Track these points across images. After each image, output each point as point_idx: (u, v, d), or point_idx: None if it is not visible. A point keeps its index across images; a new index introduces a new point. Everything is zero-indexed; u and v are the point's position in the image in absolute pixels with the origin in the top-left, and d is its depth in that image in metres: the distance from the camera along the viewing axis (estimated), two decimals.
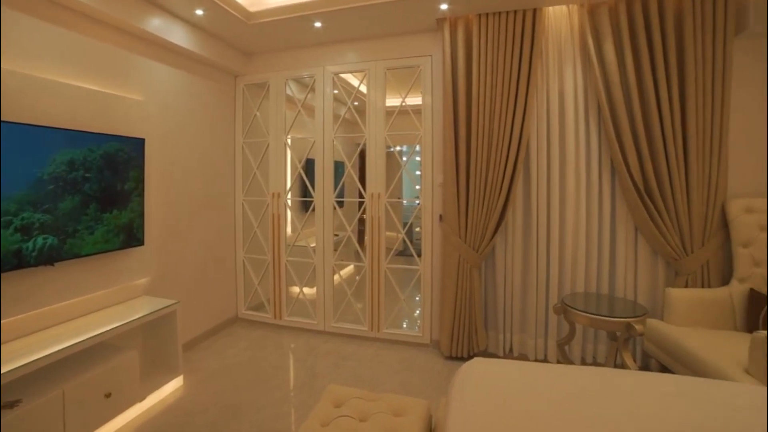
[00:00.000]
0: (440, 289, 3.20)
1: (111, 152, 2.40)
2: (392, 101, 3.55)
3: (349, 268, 4.73)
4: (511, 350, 3.11)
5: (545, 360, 2.99)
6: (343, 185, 3.86)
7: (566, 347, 2.76)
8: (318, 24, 3.12)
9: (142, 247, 2.67)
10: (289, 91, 3.72)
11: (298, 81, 3.91)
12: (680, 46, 2.66)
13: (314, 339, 3.50)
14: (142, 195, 2.62)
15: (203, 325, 3.47)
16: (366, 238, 3.46)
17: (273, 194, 3.73)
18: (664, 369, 2.49)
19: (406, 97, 3.33)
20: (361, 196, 3.53)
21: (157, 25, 2.77)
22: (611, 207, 2.89)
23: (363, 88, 3.47)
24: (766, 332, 1.91)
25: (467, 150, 2.99)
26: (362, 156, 3.54)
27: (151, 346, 2.76)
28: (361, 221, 3.57)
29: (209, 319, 3.55)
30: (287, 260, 3.72)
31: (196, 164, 3.36)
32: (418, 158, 3.40)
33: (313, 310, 3.66)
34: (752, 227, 2.51)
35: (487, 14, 2.91)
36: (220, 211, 3.69)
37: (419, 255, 3.33)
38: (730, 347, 2.15)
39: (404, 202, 6.02)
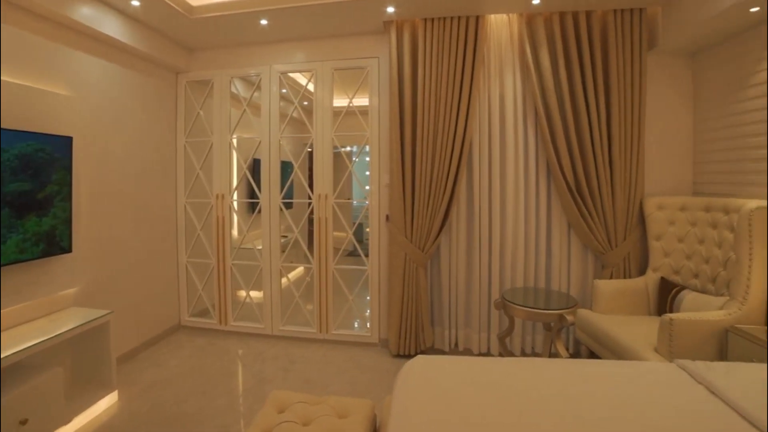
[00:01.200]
0: (388, 289, 3.24)
1: (28, 152, 2.18)
2: (340, 101, 3.54)
3: (299, 270, 4.66)
4: (456, 345, 3.21)
5: (488, 353, 3.13)
6: (291, 186, 3.79)
7: (507, 340, 2.91)
8: (264, 22, 3.05)
9: (69, 254, 2.46)
10: (234, 89, 3.60)
11: (245, 79, 3.79)
12: (605, 57, 2.89)
13: (262, 343, 3.41)
14: (68, 199, 2.41)
15: (143, 334, 3.26)
16: (314, 239, 3.44)
17: (217, 195, 3.59)
18: (592, 355, 2.70)
19: (353, 97, 3.34)
20: (310, 197, 3.50)
21: (87, 14, 2.57)
22: (547, 206, 3.08)
23: (311, 87, 3.43)
24: (670, 316, 2.13)
25: (413, 151, 3.05)
26: (311, 156, 3.50)
27: (81, 362, 2.54)
28: (312, 222, 3.53)
29: (149, 328, 3.35)
30: (233, 263, 3.60)
31: (134, 165, 3.16)
32: (368, 158, 3.42)
33: (261, 314, 3.57)
34: (663, 222, 2.78)
35: (433, 19, 2.98)
36: (160, 214, 3.49)
37: (367, 255, 3.35)
38: (644, 330, 2.37)
39: (354, 202, 6.09)
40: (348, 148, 5.71)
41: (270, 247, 3.52)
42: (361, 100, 3.43)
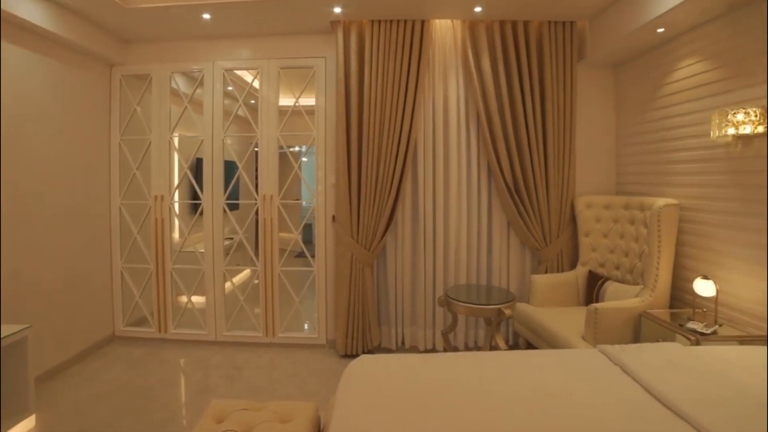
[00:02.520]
0: (335, 289, 3.23)
1: None
2: (286, 101, 3.49)
3: (245, 273, 4.52)
4: (403, 343, 3.27)
5: (434, 349, 3.20)
6: (237, 187, 3.68)
7: (451, 336, 3.01)
8: (207, 16, 2.93)
9: None
10: (174, 85, 3.43)
11: (187, 75, 3.63)
12: (541, 65, 3.08)
13: (205, 351, 3.27)
14: None
15: (70, 348, 2.98)
16: (259, 241, 3.35)
17: (156, 197, 3.40)
18: (530, 346, 2.86)
19: (300, 97, 3.30)
20: (256, 198, 3.41)
21: None
22: (488, 205, 3.22)
23: (257, 84, 3.35)
24: (595, 305, 2.31)
25: (359, 151, 3.07)
26: (258, 156, 3.42)
27: None
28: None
29: (78, 341, 3.07)
30: (173, 268, 3.42)
31: (61, 164, 2.92)
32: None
33: (204, 320, 3.42)
34: (591, 220, 3.01)
35: (380, 21, 3.03)
36: (91, 218, 3.25)
37: (314, 256, 3.33)
38: (574, 320, 2.55)
39: (304, 203, 6.01)
40: (297, 148, 5.64)
41: (213, 250, 3.38)
42: (308, 100, 3.40)
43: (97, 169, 3.33)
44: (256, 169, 3.74)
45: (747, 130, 2.09)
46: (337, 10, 2.88)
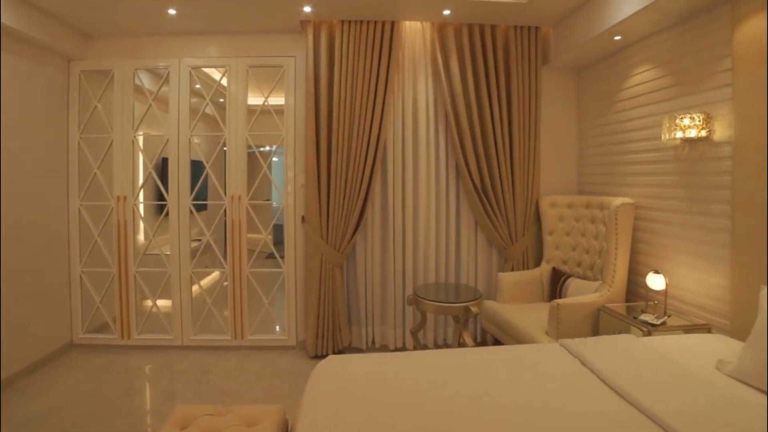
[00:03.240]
0: (304, 290, 3.21)
1: None
2: (255, 100, 3.43)
3: (214, 275, 4.42)
4: (373, 343, 3.28)
5: (404, 348, 3.23)
6: (206, 187, 3.59)
7: (420, 334, 3.05)
8: (172, 11, 2.85)
9: None
10: (138, 82, 3.31)
11: (152, 72, 3.50)
12: (507, 69, 3.16)
13: (171, 356, 3.17)
14: None
15: (22, 359, 2.79)
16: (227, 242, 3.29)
17: (119, 198, 3.28)
18: (497, 342, 2.93)
19: (269, 96, 3.26)
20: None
21: None
22: (456, 205, 3.28)
23: (226, 82, 3.28)
24: (557, 301, 2.40)
25: (328, 151, 3.06)
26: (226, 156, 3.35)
27: None
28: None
29: (31, 351, 2.88)
30: (137, 271, 3.30)
31: (11, 164, 2.75)
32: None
33: (170, 324, 3.33)
34: (554, 219, 3.12)
35: (350, 21, 3.03)
36: (47, 220, 3.09)
37: (284, 257, 3.30)
38: (539, 316, 2.63)
39: (274, 203, 5.92)
40: (267, 148, 5.55)
41: (179, 252, 3.29)
42: (277, 100, 3.36)
43: (54, 169, 3.18)
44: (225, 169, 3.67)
45: (692, 134, 2.22)
46: (307, 9, 2.86)
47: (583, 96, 3.39)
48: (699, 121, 2.20)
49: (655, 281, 2.25)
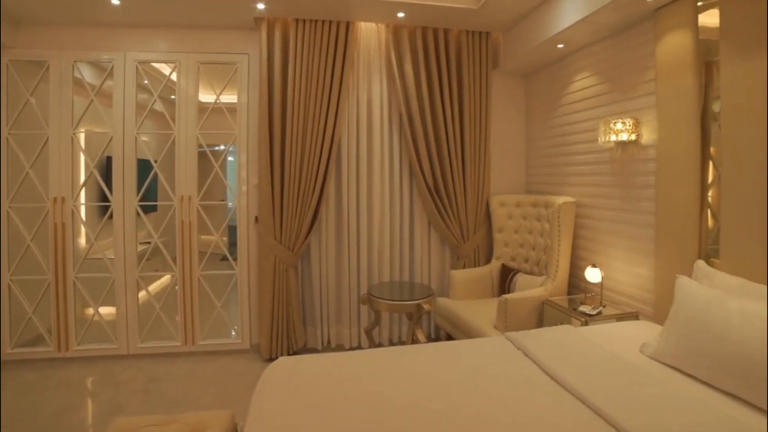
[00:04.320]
0: (258, 292, 3.16)
1: None
2: (207, 97, 3.33)
3: (164, 279, 4.23)
4: (329, 342, 3.28)
5: (359, 347, 3.25)
6: (155, 188, 3.43)
7: (375, 333, 3.08)
8: (116, 2, 2.69)
9: None
10: (78, 75, 3.10)
11: (95, 64, 3.30)
12: (459, 72, 3.26)
13: (115, 366, 3.01)
14: None
15: None
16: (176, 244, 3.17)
17: (56, 199, 3.06)
18: (450, 338, 3.02)
19: (220, 94, 3.17)
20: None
21: None
22: (410, 204, 3.34)
23: (175, 78, 3.16)
24: (505, 296, 2.51)
25: (282, 150, 3.03)
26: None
27: None
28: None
29: None
30: (77, 277, 3.10)
31: None
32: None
33: (114, 332, 3.15)
34: (504, 217, 3.25)
35: (305, 20, 3.00)
36: None
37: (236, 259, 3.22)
38: (489, 311, 2.74)
39: (230, 204, 5.76)
40: (222, 147, 5.39)
41: (124, 255, 3.13)
42: (230, 97, 3.28)
43: None
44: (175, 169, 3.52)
45: (624, 137, 2.40)
46: (261, 6, 2.81)
47: (530, 100, 3.56)
48: (629, 125, 2.38)
49: (593, 274, 2.41)
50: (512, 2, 2.76)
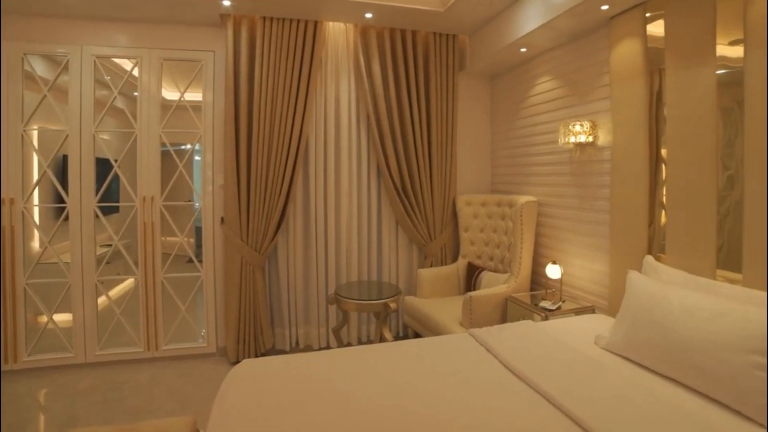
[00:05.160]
0: (224, 294, 3.10)
1: None
2: (171, 95, 3.23)
3: (127, 283, 4.07)
4: (297, 343, 3.25)
5: (328, 347, 3.24)
6: (117, 188, 3.29)
7: (343, 333, 3.08)
8: None
9: None
10: (29, 68, 2.93)
11: (49, 57, 3.12)
12: (426, 73, 3.30)
13: (72, 375, 2.86)
14: None
15: None
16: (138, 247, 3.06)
17: (3, 200, 2.89)
18: (417, 335, 3.06)
19: (185, 92, 3.09)
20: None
21: None
22: (378, 203, 3.36)
23: (137, 74, 3.04)
24: (470, 294, 2.57)
25: (248, 150, 2.98)
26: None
27: None
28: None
29: None
30: (27, 283, 2.94)
31: None
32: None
33: (70, 340, 3.01)
34: (470, 216, 3.33)
35: (272, 18, 2.97)
36: None
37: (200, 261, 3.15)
38: (455, 308, 2.79)
39: (197, 204, 5.57)
40: (188, 146, 5.22)
41: (82, 259, 2.99)
42: (195, 95, 3.19)
43: None
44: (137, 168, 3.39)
45: (582, 139, 2.51)
46: (227, 3, 2.76)
47: (495, 101, 3.65)
48: (587, 128, 2.48)
49: (553, 271, 2.50)
50: (477, 6, 2.83)
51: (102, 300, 3.12)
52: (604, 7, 2.24)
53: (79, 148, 2.97)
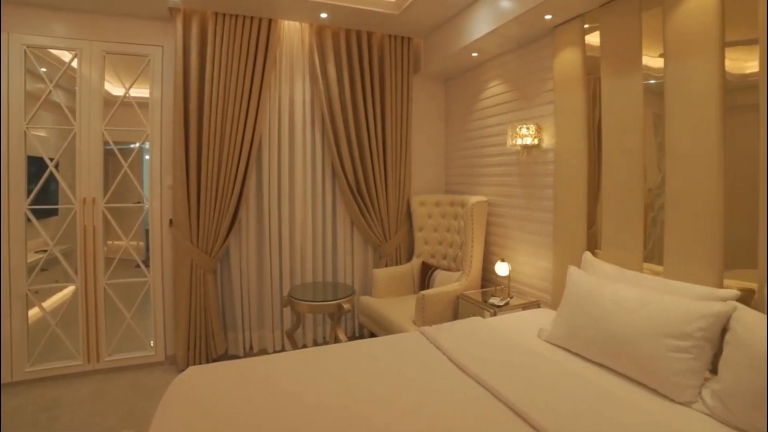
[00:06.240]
0: (173, 299, 2.98)
1: None
2: (117, 90, 3.05)
3: (67, 291, 3.80)
4: (251, 347, 3.17)
5: (283, 350, 3.19)
6: (55, 190, 3.06)
7: (299, 334, 3.05)
8: None
9: None
10: None
11: None
12: (382, 74, 3.33)
13: None
14: None
15: None
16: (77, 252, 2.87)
17: None
18: (373, 335, 3.08)
19: (131, 88, 2.93)
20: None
21: None
22: (332, 204, 3.35)
23: (77, 67, 2.84)
24: (423, 293, 2.62)
25: (198, 149, 2.88)
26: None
27: None
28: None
29: None
30: None
31: None
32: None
33: None
34: (424, 216, 3.39)
35: (224, 14, 2.88)
36: None
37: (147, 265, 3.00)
38: (409, 307, 2.83)
39: (146, 206, 5.31)
40: (137, 145, 4.96)
41: (9, 267, 2.76)
42: (142, 91, 3.04)
43: None
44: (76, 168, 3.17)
45: (528, 141, 2.62)
46: None
47: (449, 103, 3.74)
48: (532, 131, 2.60)
49: (502, 268, 2.59)
50: (431, 10, 2.89)
51: (35, 311, 2.90)
52: (548, 17, 2.35)
53: (8, 145, 2.74)
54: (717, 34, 1.65)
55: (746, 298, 1.54)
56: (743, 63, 1.65)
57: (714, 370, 1.44)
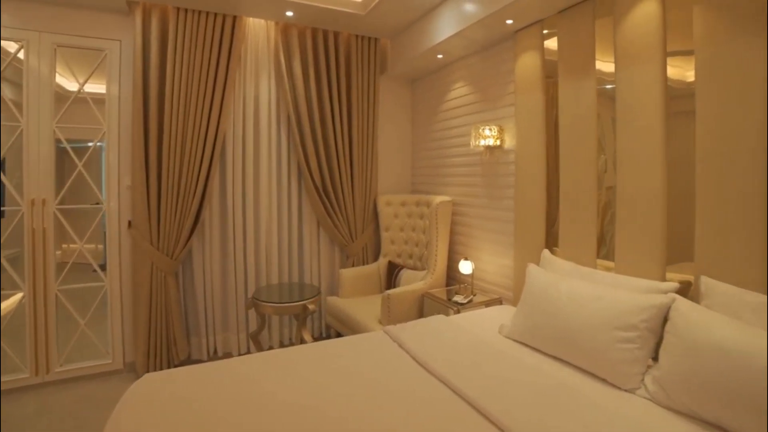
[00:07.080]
0: (132, 304, 2.87)
1: None
2: (71, 85, 2.90)
3: (14, 299, 3.58)
4: (215, 351, 3.10)
5: (248, 352, 3.10)
6: (2, 190, 2.86)
7: (264, 336, 3.00)
8: None
9: None
10: None
11: None
12: (348, 75, 3.32)
13: None
14: None
15: None
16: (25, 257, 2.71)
17: None
18: (339, 335, 3.07)
19: (85, 83, 2.80)
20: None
21: None
22: (298, 204, 3.32)
23: (25, 61, 2.68)
24: (388, 292, 2.63)
25: (158, 148, 2.79)
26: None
27: None
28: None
29: None
30: None
31: None
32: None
33: None
34: (390, 216, 3.41)
35: (186, 9, 2.80)
36: None
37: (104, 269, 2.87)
38: (375, 307, 2.84)
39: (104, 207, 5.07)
40: (97, 143, 4.74)
41: None
42: (98, 87, 2.90)
43: None
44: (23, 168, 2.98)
45: (491, 142, 2.69)
46: None
47: (416, 104, 3.78)
48: (495, 132, 2.67)
49: (465, 267, 2.65)
50: (397, 11, 2.91)
51: None
52: (509, 21, 2.42)
53: None
54: (659, 43, 1.75)
55: (685, 289, 1.64)
56: (685, 72, 1.76)
57: (656, 358, 1.53)
